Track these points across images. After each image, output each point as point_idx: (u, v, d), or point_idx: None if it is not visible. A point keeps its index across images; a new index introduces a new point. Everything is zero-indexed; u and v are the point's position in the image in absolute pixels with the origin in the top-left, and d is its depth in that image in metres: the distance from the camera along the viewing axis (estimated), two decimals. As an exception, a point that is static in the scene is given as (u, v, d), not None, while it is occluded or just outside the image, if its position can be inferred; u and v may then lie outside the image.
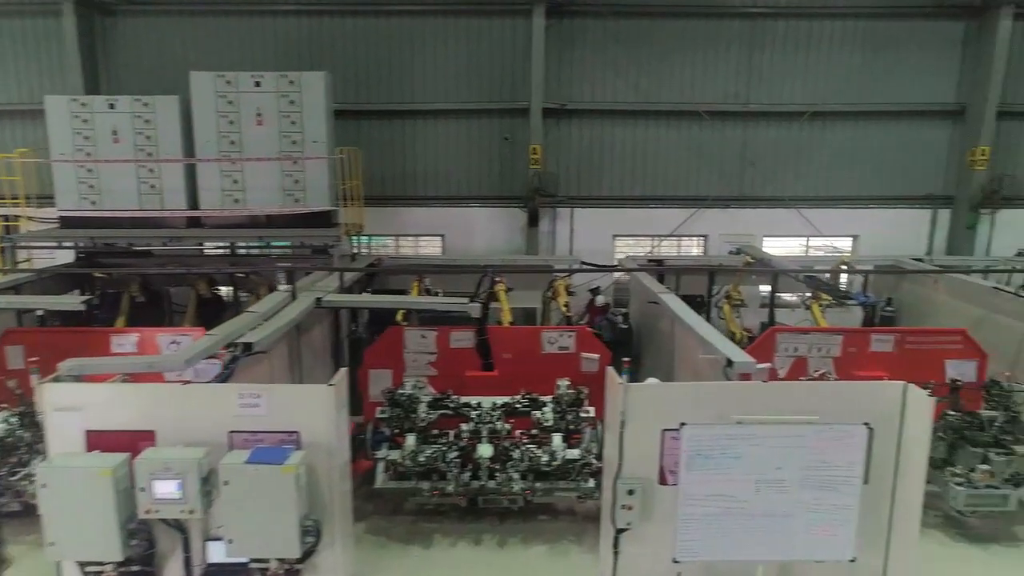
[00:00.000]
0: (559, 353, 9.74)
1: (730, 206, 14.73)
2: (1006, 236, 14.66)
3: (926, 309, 12.73)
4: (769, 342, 9.93)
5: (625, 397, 6.50)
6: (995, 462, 8.37)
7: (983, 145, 13.99)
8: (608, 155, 14.59)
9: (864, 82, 14.30)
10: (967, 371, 9.95)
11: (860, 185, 14.77)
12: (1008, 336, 10.69)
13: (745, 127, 14.51)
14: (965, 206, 14.29)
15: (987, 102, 13.82)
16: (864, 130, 14.55)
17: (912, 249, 14.69)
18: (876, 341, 9.85)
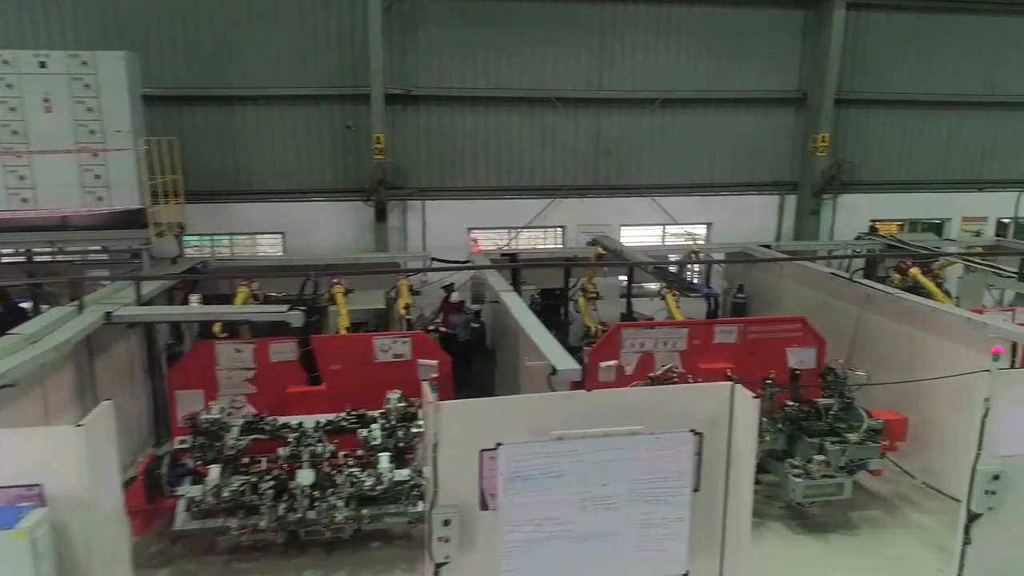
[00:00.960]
0: (394, 361, 8.97)
1: (587, 195, 14.41)
2: (847, 220, 15.17)
3: (774, 295, 12.89)
4: (615, 338, 9.58)
5: (436, 417, 5.82)
6: (830, 451, 8.36)
7: (823, 132, 14.36)
8: (460, 144, 13.88)
9: (712, 69, 14.32)
10: (807, 358, 10.02)
11: (712, 172, 14.84)
12: (845, 320, 10.87)
13: (599, 114, 14.19)
14: (809, 192, 14.66)
15: (825, 90, 14.18)
16: (714, 117, 14.61)
17: (763, 235, 14.95)
18: (720, 332, 9.71)
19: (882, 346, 10.14)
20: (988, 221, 16.14)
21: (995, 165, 15.92)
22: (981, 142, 15.81)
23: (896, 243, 13.64)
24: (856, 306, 10.62)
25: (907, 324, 9.60)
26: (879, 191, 15.44)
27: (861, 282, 10.17)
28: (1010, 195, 15.98)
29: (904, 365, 9.70)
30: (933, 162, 15.67)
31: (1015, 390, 6.83)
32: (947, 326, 8.82)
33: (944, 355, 9.05)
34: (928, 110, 15.40)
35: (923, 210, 15.88)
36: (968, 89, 15.33)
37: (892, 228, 16.22)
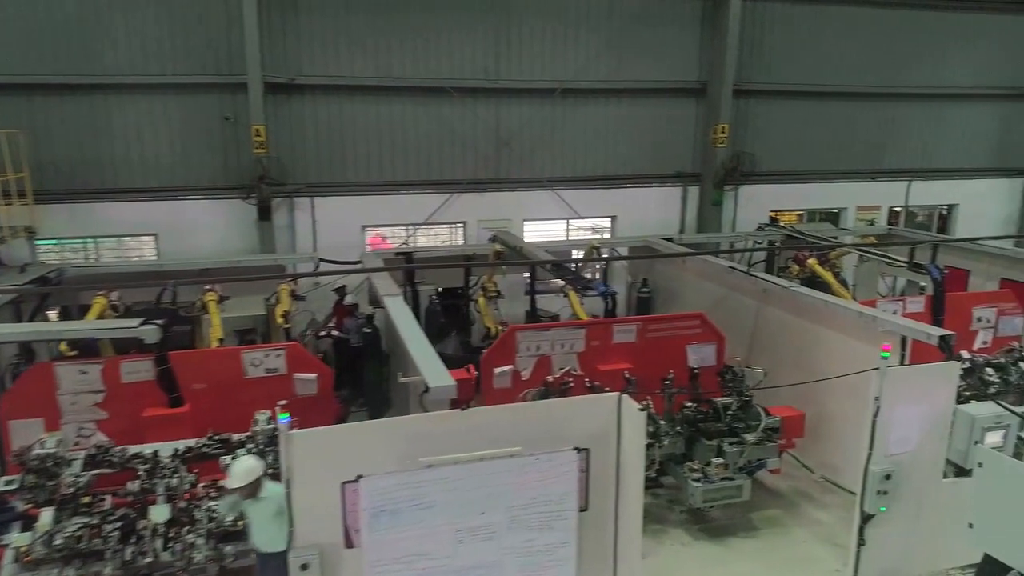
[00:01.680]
0: (267, 377, 8.18)
1: (487, 189, 13.86)
2: (749, 210, 15.21)
3: (678, 289, 12.71)
4: (509, 342, 9.09)
5: (288, 448, 5.15)
6: (728, 453, 8.13)
7: (723, 123, 14.28)
8: (351, 137, 13.05)
9: (612, 59, 14.00)
10: (707, 355, 9.82)
11: (615, 164, 14.56)
12: (745, 314, 10.74)
13: (498, 105, 13.64)
14: (710, 183, 14.58)
15: (724, 80, 14.09)
16: (616, 108, 14.31)
17: (667, 227, 14.80)
18: (619, 332, 9.37)
19: (780, 339, 10.04)
20: (881, 210, 16.54)
21: (887, 155, 16.31)
22: (874, 133, 16.15)
23: (794, 234, 13.70)
24: (755, 300, 10.50)
25: (803, 317, 9.50)
26: (779, 181, 15.55)
27: (758, 276, 10.03)
28: (901, 184, 16.41)
29: (801, 358, 9.60)
30: (830, 152, 15.90)
31: (904, 387, 6.71)
32: (840, 319, 8.74)
33: (838, 348, 8.98)
34: (824, 101, 15.59)
35: (821, 200, 16.12)
36: (862, 81, 15.61)
37: (792, 218, 16.41)
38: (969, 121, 16.73)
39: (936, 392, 6.87)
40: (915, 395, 6.77)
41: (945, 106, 16.41)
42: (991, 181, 17.26)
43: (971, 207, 17.19)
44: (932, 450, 6.96)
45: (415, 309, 12.31)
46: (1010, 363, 9.89)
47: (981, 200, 17.22)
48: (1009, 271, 12.43)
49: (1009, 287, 12.33)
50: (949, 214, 17.44)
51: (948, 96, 16.32)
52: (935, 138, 16.54)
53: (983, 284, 12.89)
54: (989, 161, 17.14)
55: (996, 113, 16.91)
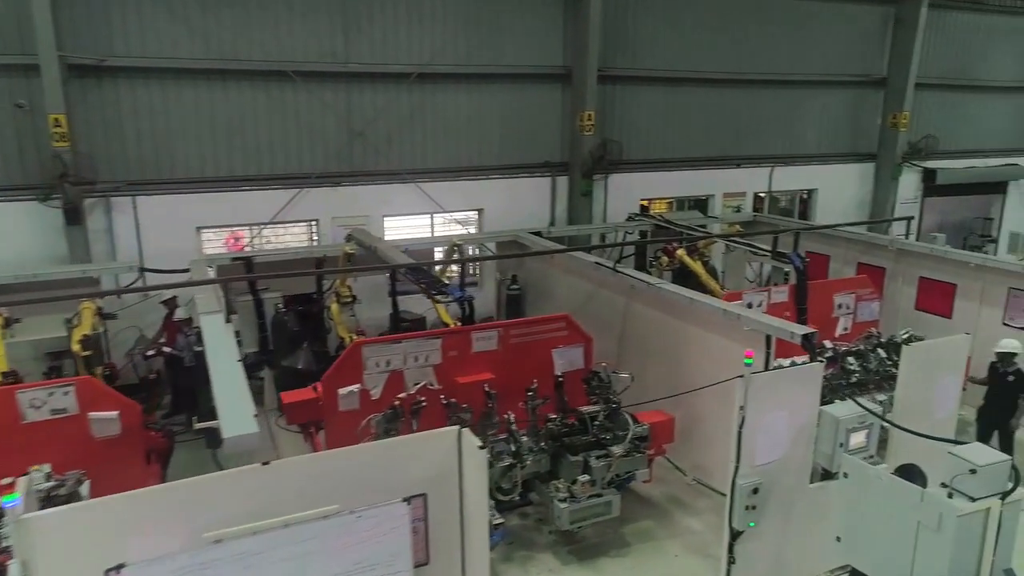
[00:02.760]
0: (53, 420, 6.79)
1: (341, 184, 12.69)
2: (619, 200, 14.86)
3: (548, 285, 12.11)
4: (354, 358, 8.08)
5: (21, 536, 3.98)
6: (595, 468, 7.54)
7: (589, 110, 13.79)
8: (179, 127, 11.50)
9: (472, 41, 13.15)
10: (575, 358, 9.22)
11: (480, 154, 13.76)
12: (614, 311, 10.26)
13: (348, 91, 12.47)
14: (579, 173, 14.08)
15: (588, 66, 13.57)
16: (478, 95, 13.49)
17: (537, 219, 14.19)
18: (478, 340, 8.57)
19: (649, 337, 9.61)
20: (747, 196, 16.71)
21: (750, 142, 16.44)
22: (737, 119, 16.22)
23: (664, 223, 13.43)
24: (623, 296, 10.03)
25: (670, 314, 9.09)
26: (648, 169, 15.30)
27: (624, 272, 9.52)
28: (764, 170, 16.63)
29: (670, 356, 9.21)
30: (696, 139, 15.82)
31: (769, 393, 6.31)
32: (705, 317, 8.35)
33: (706, 346, 8.61)
34: (688, 87, 15.46)
35: (689, 187, 16.04)
36: (724, 67, 15.59)
37: (662, 206, 16.26)
38: (824, 107, 17.18)
39: (801, 395, 6.53)
40: (780, 400, 6.39)
41: (802, 93, 16.74)
42: (846, 166, 17.84)
43: (829, 191, 17.71)
44: (799, 456, 6.63)
45: (260, 320, 11.06)
46: (869, 350, 9.97)
47: (838, 184, 17.78)
48: (865, 255, 12.70)
49: (865, 271, 12.61)
50: (809, 198, 17.90)
51: (804, 83, 16.64)
52: (794, 124, 16.85)
53: (842, 268, 13.14)
54: (844, 146, 17.71)
55: (848, 100, 17.46)
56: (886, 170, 17.99)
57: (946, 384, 7.36)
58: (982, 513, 5.04)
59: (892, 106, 17.57)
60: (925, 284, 11.70)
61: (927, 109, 18.05)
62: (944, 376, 7.33)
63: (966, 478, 5.00)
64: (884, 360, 9.79)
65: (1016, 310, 10.43)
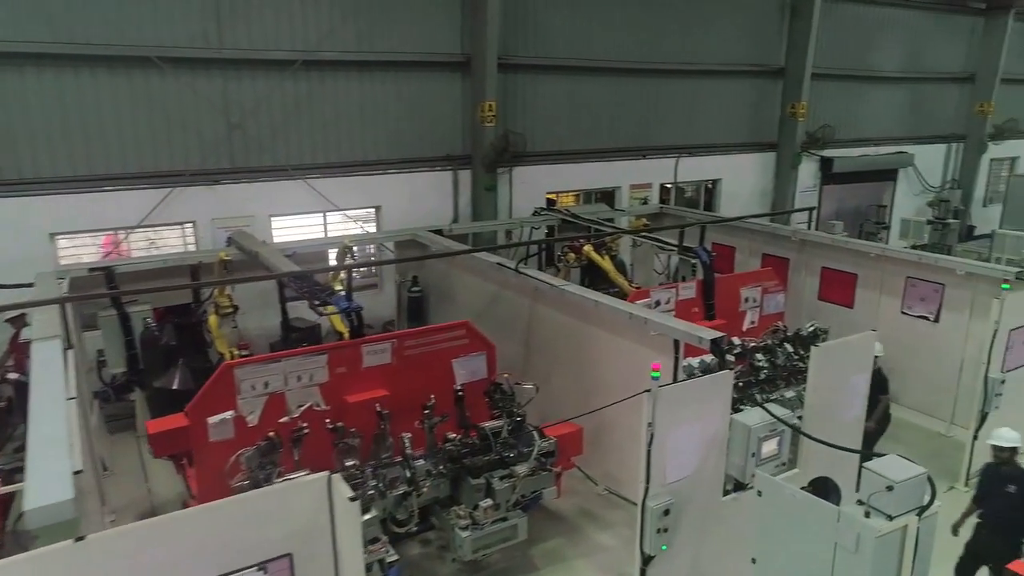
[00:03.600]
0: None
1: (220, 181, 11.56)
2: (525, 194, 14.32)
3: (451, 286, 11.45)
4: (225, 382, 7.18)
5: None
6: (498, 491, 6.95)
7: (490, 99, 13.14)
8: (24, 121, 10.09)
9: (363, 26, 12.23)
10: (477, 368, 8.60)
11: (376, 147, 12.88)
12: (519, 314, 9.70)
13: (224, 79, 11.34)
14: (481, 166, 13.43)
15: (488, 54, 12.90)
16: (371, 83, 12.59)
17: (439, 215, 13.46)
18: (370, 354, 7.80)
19: (555, 341, 9.12)
20: (653, 187, 16.52)
21: (656, 132, 16.24)
22: (642, 109, 15.97)
23: (570, 218, 13.00)
24: (527, 298, 9.49)
25: (575, 317, 8.61)
26: (553, 161, 14.81)
27: (526, 273, 8.95)
28: (669, 161, 16.48)
29: (578, 362, 8.74)
30: (601, 130, 15.46)
31: (678, 407, 5.89)
32: (612, 320, 7.90)
33: (613, 350, 8.18)
34: (594, 77, 15.06)
35: (596, 179, 15.68)
36: (627, 56, 15.27)
37: (569, 199, 15.84)
38: (727, 97, 17.18)
39: (712, 405, 6.14)
40: (690, 413, 5.99)
41: (705, 83, 16.67)
42: (748, 155, 17.97)
43: (732, 181, 17.79)
44: (711, 469, 6.26)
45: (128, 337, 9.88)
46: (776, 345, 9.82)
47: (741, 174, 17.89)
48: (769, 246, 12.66)
49: (770, 262, 12.57)
50: (714, 188, 17.93)
51: (707, 72, 16.57)
52: (698, 114, 16.77)
53: (747, 260, 13.08)
54: (746, 136, 17.81)
55: (749, 89, 17.54)
56: (786, 159, 18.24)
57: (855, 383, 7.18)
58: (900, 531, 4.75)
59: (790, 96, 17.80)
60: (827, 274, 11.73)
61: (823, 99, 18.39)
62: (853, 375, 7.14)
63: (883, 495, 4.69)
64: (791, 355, 9.67)
65: (913, 299, 10.55)
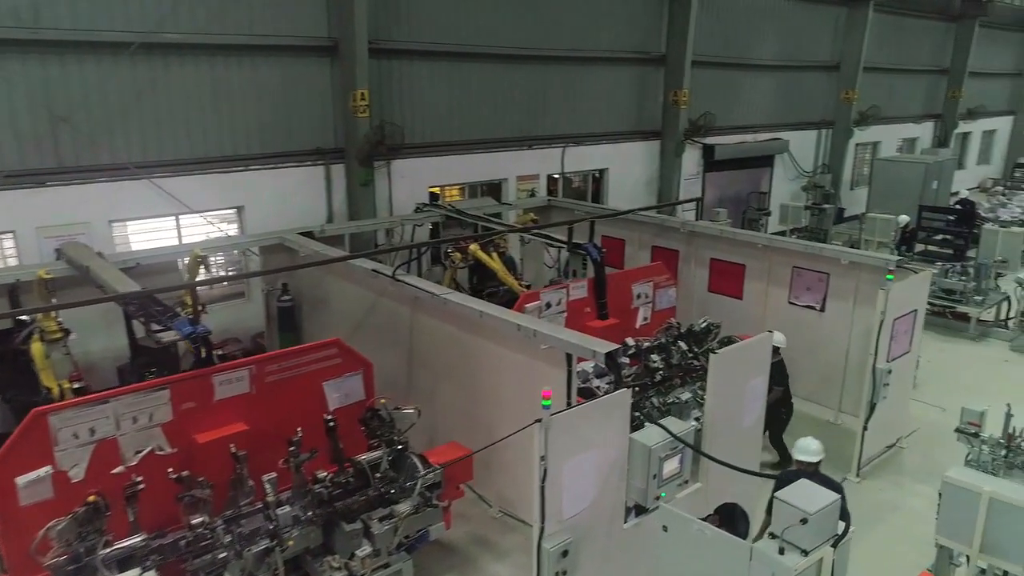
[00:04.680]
0: None
1: (47, 183, 9.95)
2: (406, 188, 13.40)
3: (324, 294, 10.40)
4: (38, 432, 5.94)
5: None
6: (378, 535, 6.15)
7: (361, 88, 12.08)
8: None
9: (212, 6, 10.86)
10: (352, 389, 7.70)
11: (235, 141, 11.56)
12: (398, 324, 8.85)
13: (44, 65, 9.71)
14: (355, 160, 12.37)
15: (357, 37, 11.82)
16: (225, 70, 11.25)
17: (312, 215, 12.33)
18: (223, 384, 6.72)
19: (440, 354, 8.34)
20: (540, 179, 16.00)
21: (542, 121, 15.70)
22: (528, 98, 15.37)
23: (454, 213, 12.24)
24: (408, 307, 8.65)
25: (460, 328, 7.87)
26: (435, 153, 13.95)
27: (403, 280, 8.12)
28: (556, 151, 16.01)
29: (465, 375, 8.02)
30: (486, 119, 14.73)
31: (573, 436, 5.28)
32: (499, 331, 7.22)
33: (502, 363, 7.51)
34: (476, 63, 14.30)
35: (481, 171, 14.95)
36: (511, 42, 14.60)
37: (454, 193, 15.06)
38: (611, 85, 16.89)
39: (609, 428, 5.59)
40: (586, 439, 5.40)
41: (589, 70, 16.28)
42: (634, 144, 17.80)
43: (619, 170, 17.58)
44: (611, 497, 5.71)
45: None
46: (670, 343, 9.52)
47: (627, 163, 17.71)
48: (659, 238, 12.39)
49: (660, 254, 12.33)
50: (601, 178, 17.66)
51: (591, 59, 16.18)
52: (584, 103, 16.37)
53: (637, 252, 12.79)
54: (631, 124, 17.61)
55: (633, 77, 17.33)
56: (670, 147, 18.22)
57: (754, 386, 6.87)
58: (815, 566, 4.34)
59: (673, 84, 17.74)
60: (717, 266, 11.58)
61: (704, 87, 18.47)
62: (752, 379, 6.82)
63: (797, 529, 4.26)
64: (685, 353, 9.40)
65: (800, 289, 10.53)
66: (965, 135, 30.88)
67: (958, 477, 5.36)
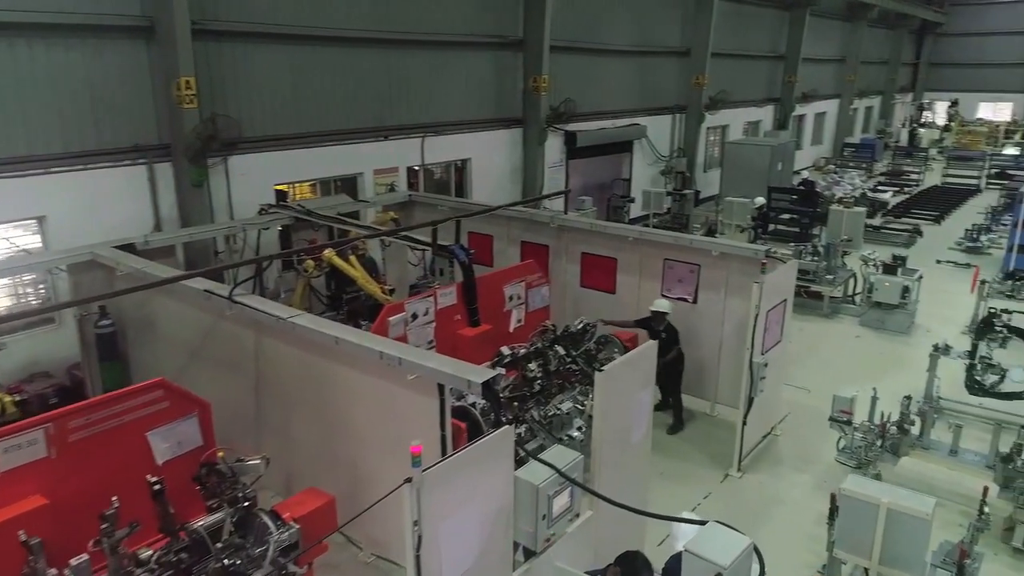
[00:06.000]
0: None
1: None
2: (248, 187, 11.96)
3: (153, 316, 8.92)
4: None
5: None
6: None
7: (186, 75, 10.53)
8: None
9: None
10: (186, 436, 6.52)
11: (31, 140, 9.68)
12: (241, 351, 7.66)
13: None
14: (184, 158, 10.82)
15: (175, 15, 10.14)
16: (13, 53, 9.35)
17: (137, 223, 10.67)
18: (8, 452, 5.36)
19: (293, 384, 7.26)
20: (400, 171, 14.97)
21: (398, 110, 14.66)
22: (383, 85, 14.26)
23: (305, 214, 11.04)
24: (251, 330, 7.48)
25: (315, 354, 6.85)
26: (280, 148, 12.57)
27: (243, 303, 6.97)
28: (415, 141, 15.05)
29: (322, 407, 7.01)
30: (337, 109, 13.49)
31: (450, 490, 4.52)
32: (360, 359, 6.29)
33: (365, 392, 6.58)
34: (322, 47, 13.00)
35: (334, 166, 13.70)
36: (362, 24, 13.43)
37: (305, 190, 13.75)
38: (470, 70, 16.12)
39: (493, 471, 4.87)
40: (467, 490, 4.66)
41: (447, 55, 15.40)
42: (496, 132, 17.17)
43: (482, 160, 16.89)
44: (499, 547, 5.01)
45: None
46: (547, 347, 8.97)
47: (490, 152, 17.05)
48: (527, 233, 11.83)
49: (530, 249, 11.78)
50: (464, 168, 16.90)
51: (448, 43, 15.31)
52: (442, 90, 15.49)
53: (506, 248, 12.18)
54: (492, 112, 16.96)
55: (491, 62, 16.65)
56: (533, 135, 17.76)
57: (640, 400, 6.40)
58: (732, 622, 3.85)
59: (532, 69, 17.24)
60: (588, 260, 11.19)
61: (564, 72, 18.14)
62: (638, 392, 6.35)
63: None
64: (563, 358, 8.88)
65: (672, 281, 10.33)
66: (800, 117, 32.94)
67: (854, 488, 5.10)
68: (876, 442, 7.85)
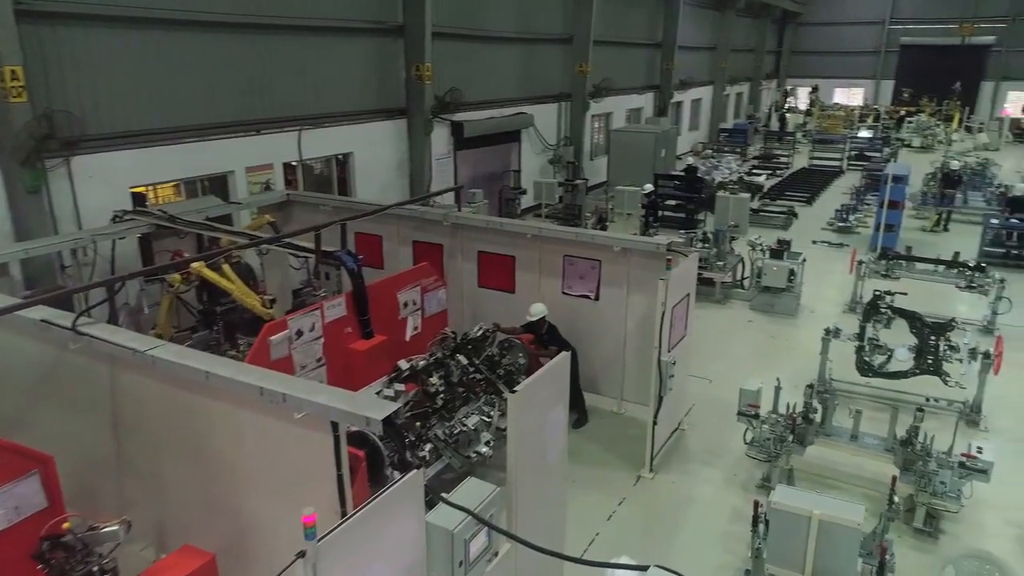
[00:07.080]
0: None
1: None
2: (96, 193, 10.54)
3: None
4: None
5: None
6: None
7: (11, 65, 9.00)
8: None
9: None
10: (24, 500, 5.46)
11: None
12: (94, 389, 6.56)
13: None
14: (13, 160, 9.33)
15: None
16: None
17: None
18: None
19: (159, 423, 6.27)
20: (275, 168, 13.82)
21: (271, 101, 13.46)
22: (252, 74, 13.04)
23: (167, 221, 9.84)
24: (106, 364, 6.40)
25: (182, 389, 5.91)
26: (135, 145, 11.18)
27: (88, 333, 5.93)
28: (291, 135, 13.92)
29: (197, 448, 6.09)
30: (200, 101, 12.16)
31: (353, 552, 3.86)
32: (239, 395, 5.44)
33: (247, 430, 5.73)
34: (180, 33, 11.64)
35: (199, 164, 12.37)
36: (225, 7, 12.16)
37: (169, 192, 12.38)
38: (349, 59, 15.12)
39: (401, 525, 4.25)
40: (372, 550, 4.02)
41: (323, 41, 14.32)
42: (379, 124, 16.25)
43: (366, 154, 15.95)
44: (410, 608, 4.40)
45: None
46: (447, 357, 8.38)
47: (374, 145, 16.13)
48: (419, 232, 11.15)
49: (422, 249, 11.12)
50: (346, 163, 15.90)
51: (324, 29, 14.24)
52: (319, 79, 14.41)
53: (396, 248, 11.44)
54: (374, 103, 16.03)
55: (371, 50, 15.70)
56: (418, 126, 16.97)
57: (554, 418, 5.95)
58: None
59: (414, 57, 16.41)
60: (485, 259, 10.66)
61: (447, 61, 17.43)
62: (552, 409, 5.89)
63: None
64: (466, 368, 8.33)
65: (573, 278, 9.99)
66: (679, 104, 33.83)
67: (784, 501, 4.87)
68: (787, 436, 7.82)
